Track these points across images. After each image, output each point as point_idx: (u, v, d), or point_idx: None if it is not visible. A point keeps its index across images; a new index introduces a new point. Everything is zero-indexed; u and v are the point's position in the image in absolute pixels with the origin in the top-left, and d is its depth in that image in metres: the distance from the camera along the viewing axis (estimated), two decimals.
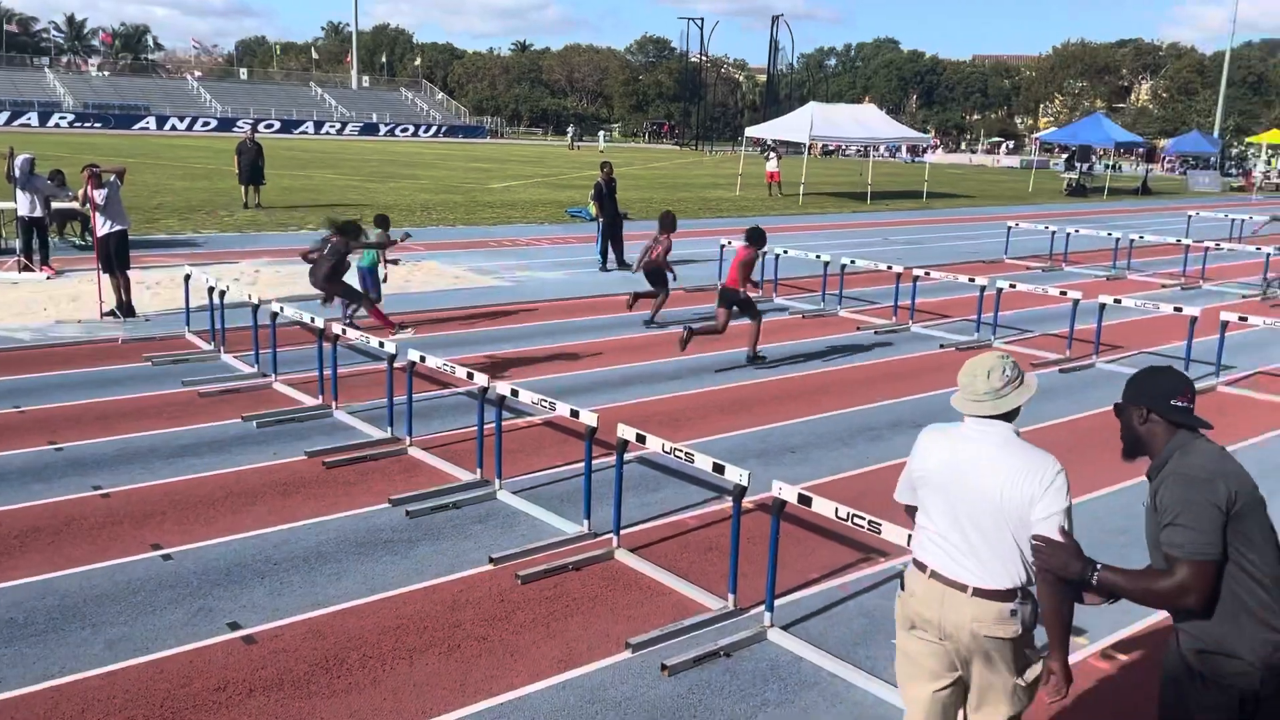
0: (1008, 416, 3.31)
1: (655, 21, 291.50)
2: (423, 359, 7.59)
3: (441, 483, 7.06)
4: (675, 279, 13.04)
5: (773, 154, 36.24)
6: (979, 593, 3.25)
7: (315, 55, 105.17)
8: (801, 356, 11.32)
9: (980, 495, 3.23)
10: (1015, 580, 3.23)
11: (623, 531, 6.16)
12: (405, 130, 78.27)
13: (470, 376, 7.14)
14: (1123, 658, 5.12)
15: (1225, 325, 10.74)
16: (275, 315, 9.43)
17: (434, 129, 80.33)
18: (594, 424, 6.10)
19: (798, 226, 25.06)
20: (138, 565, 5.74)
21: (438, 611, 5.34)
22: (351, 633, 5.09)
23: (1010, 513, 3.18)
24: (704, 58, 79.68)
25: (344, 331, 8.85)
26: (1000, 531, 3.21)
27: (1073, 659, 5.06)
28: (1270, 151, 56.67)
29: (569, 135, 72.85)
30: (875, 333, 12.71)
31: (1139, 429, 3.14)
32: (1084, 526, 6.74)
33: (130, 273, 12.26)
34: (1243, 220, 24.76)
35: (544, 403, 6.58)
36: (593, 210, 17.33)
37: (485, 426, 7.09)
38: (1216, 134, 59.24)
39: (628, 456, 7.25)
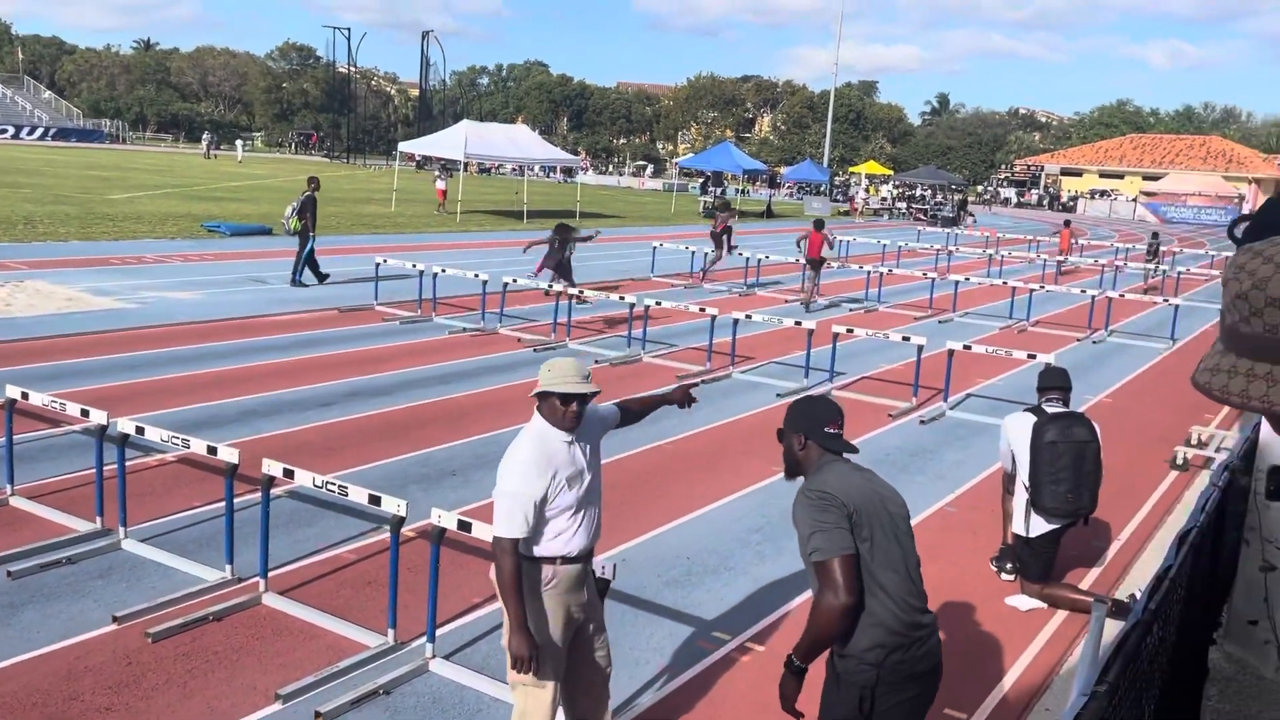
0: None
1: (298, 28, 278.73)
2: (25, 395, 6.66)
3: (52, 536, 6.23)
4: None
5: (442, 172, 35.98)
6: None
7: None
8: (462, 376, 11.27)
9: None
10: None
11: (271, 574, 5.77)
12: (3, 131, 68.71)
13: (85, 413, 6.36)
14: (760, 648, 5.55)
15: (836, 337, 12.08)
16: None
17: (40, 131, 71.14)
18: (235, 460, 5.66)
19: (457, 244, 24.98)
20: None
21: (49, 684, 4.69)
22: None
23: None
24: (353, 69, 77.27)
25: None
26: None
27: (717, 654, 5.43)
28: (869, 180, 64.89)
29: (204, 143, 67.62)
30: (535, 350, 12.95)
31: (799, 454, 3.46)
32: (726, 527, 7.26)
33: None
34: (848, 241, 28.01)
35: (176, 439, 6.01)
36: (295, 225, 16.53)
37: (106, 469, 6.36)
38: (826, 164, 66.76)
39: (277, 491, 6.82)
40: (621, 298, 14.03)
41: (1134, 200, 69.26)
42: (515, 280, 14.91)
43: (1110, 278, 24.27)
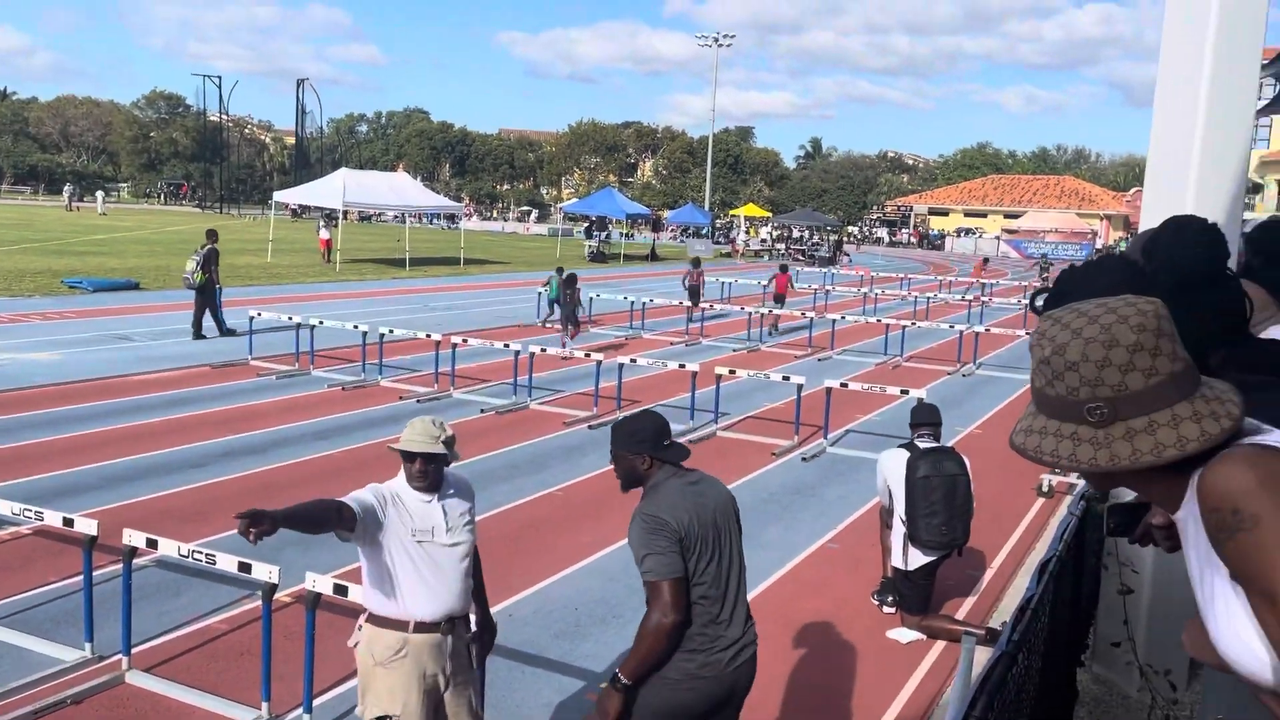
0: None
1: (166, 76, 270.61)
2: None
3: None
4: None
5: (326, 221, 35.37)
6: None
7: None
8: (340, 431, 10.96)
9: None
10: (365, 600, 3.86)
11: (136, 650, 5.46)
12: None
13: None
14: None
15: (719, 378, 12.26)
16: None
17: None
18: (93, 531, 5.36)
19: (336, 294, 24.45)
20: None
21: None
22: None
23: None
24: (225, 117, 75.35)
25: None
26: None
27: None
28: (748, 222, 66.46)
29: (66, 195, 64.72)
30: (418, 401, 12.72)
31: (643, 471, 3.60)
32: (615, 575, 7.22)
33: None
34: (731, 282, 28.55)
35: (29, 511, 5.66)
36: (199, 278, 16.15)
37: None
38: (707, 207, 68.11)
39: (141, 561, 6.48)
40: (506, 345, 13.93)
41: (997, 237, 72.83)
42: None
43: (976, 312, 25.33)
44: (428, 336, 14.11)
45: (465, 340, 14.11)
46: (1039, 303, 1.58)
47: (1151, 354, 1.21)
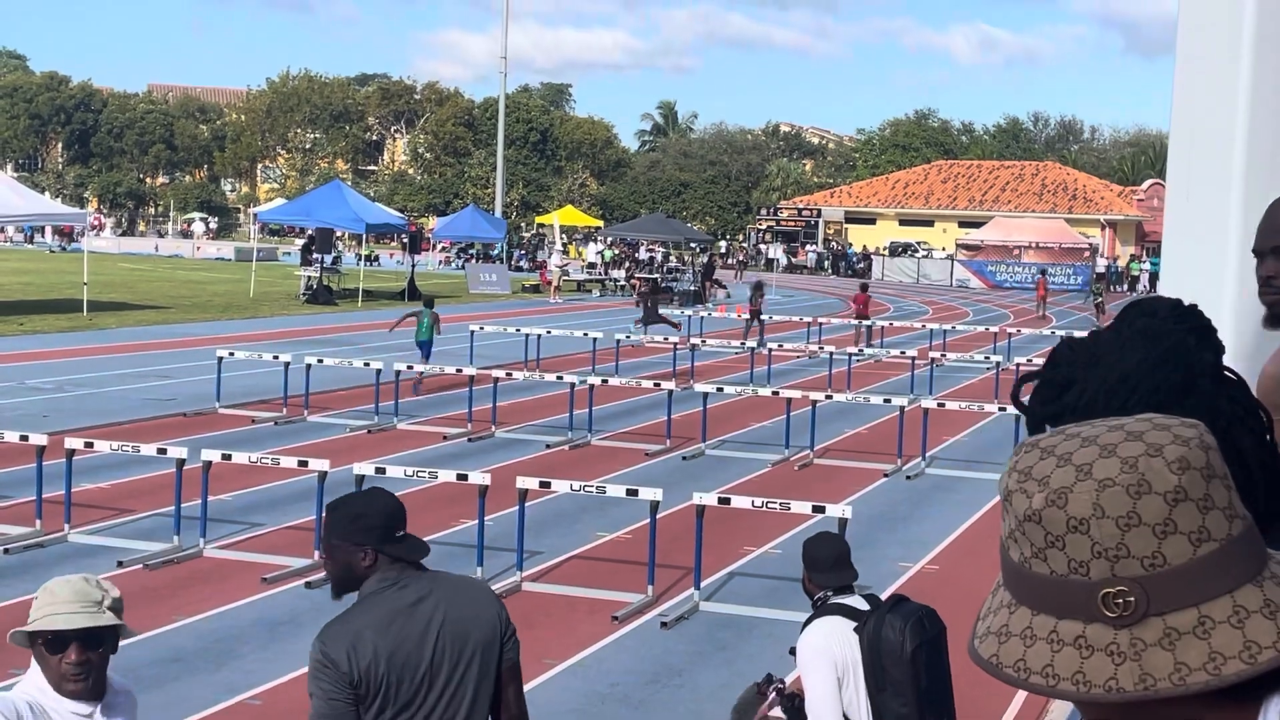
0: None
1: None
2: None
3: None
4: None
5: None
6: None
7: None
8: None
9: None
10: None
11: None
12: None
13: None
14: None
15: (525, 497, 12.23)
16: None
17: None
18: None
19: None
20: None
21: None
22: None
23: None
24: None
25: None
26: None
27: None
28: (566, 237, 67.27)
29: None
30: (6, 551, 12.37)
31: (362, 570, 4.20)
32: None
33: None
34: (540, 336, 28.66)
35: None
36: None
37: None
38: (498, 211, 68.80)
39: None
40: (161, 450, 13.50)
41: (950, 257, 75.86)
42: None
43: (924, 376, 26.20)
44: (22, 439, 13.59)
45: (89, 445, 13.66)
46: (1025, 394, 1.53)
47: (1200, 508, 1.19)
